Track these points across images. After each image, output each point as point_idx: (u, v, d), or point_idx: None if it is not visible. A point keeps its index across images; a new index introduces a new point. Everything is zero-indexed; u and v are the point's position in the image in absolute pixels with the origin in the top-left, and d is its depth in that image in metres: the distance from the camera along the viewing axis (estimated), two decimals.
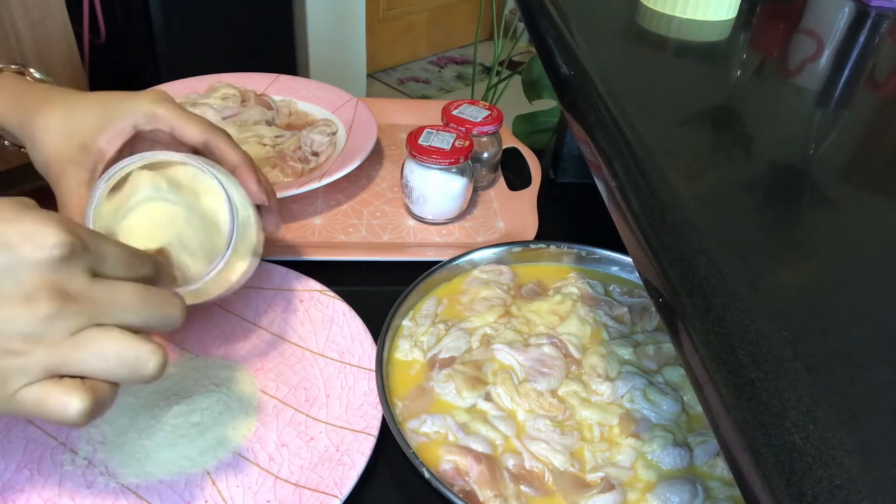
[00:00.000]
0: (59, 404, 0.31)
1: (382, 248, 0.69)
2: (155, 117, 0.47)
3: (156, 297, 0.34)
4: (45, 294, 0.30)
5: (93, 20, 1.65)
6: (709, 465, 0.49)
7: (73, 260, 0.30)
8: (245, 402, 0.51)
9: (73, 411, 0.31)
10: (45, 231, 0.30)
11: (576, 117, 0.50)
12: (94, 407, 0.32)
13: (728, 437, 0.27)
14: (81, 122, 0.46)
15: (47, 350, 0.30)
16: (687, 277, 0.32)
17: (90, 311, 0.31)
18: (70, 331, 0.31)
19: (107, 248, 0.33)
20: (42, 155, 0.46)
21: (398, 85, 2.92)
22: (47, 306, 0.30)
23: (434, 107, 0.91)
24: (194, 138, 0.48)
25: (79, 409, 0.31)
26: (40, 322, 0.30)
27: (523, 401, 0.51)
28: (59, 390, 0.31)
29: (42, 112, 0.46)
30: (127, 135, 0.47)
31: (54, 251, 0.30)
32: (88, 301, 0.31)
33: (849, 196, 0.40)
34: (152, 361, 0.33)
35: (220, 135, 0.49)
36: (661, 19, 0.62)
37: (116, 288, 0.32)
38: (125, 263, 0.34)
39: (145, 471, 0.46)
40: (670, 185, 0.37)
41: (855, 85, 0.55)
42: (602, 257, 0.66)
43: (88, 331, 0.31)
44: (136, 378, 0.33)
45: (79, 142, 0.46)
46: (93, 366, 0.31)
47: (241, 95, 0.84)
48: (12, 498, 0.44)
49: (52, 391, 0.31)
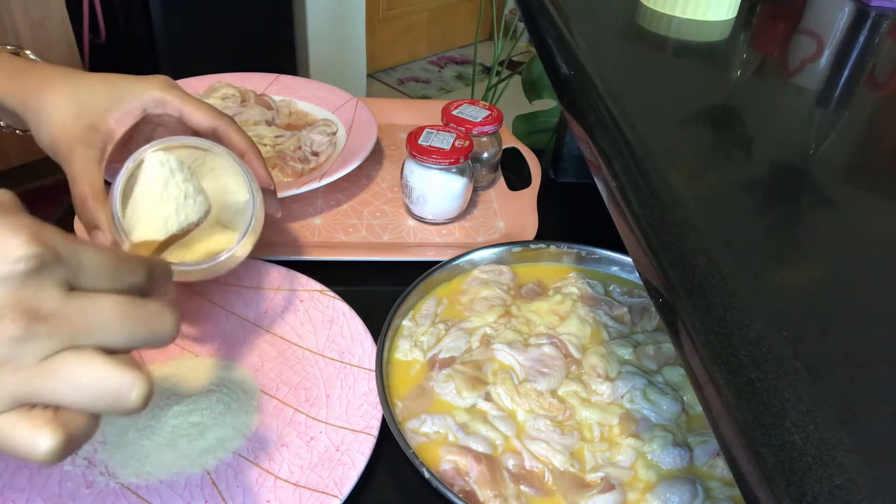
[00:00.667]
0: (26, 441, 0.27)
1: (382, 248, 0.69)
2: (164, 102, 0.48)
3: (142, 313, 0.30)
4: (11, 313, 0.26)
5: (93, 20, 1.65)
6: (709, 465, 0.49)
7: (44, 274, 0.27)
8: (245, 402, 0.51)
9: (42, 450, 0.27)
10: (12, 241, 0.26)
11: (576, 117, 0.50)
12: (67, 444, 0.28)
13: (728, 437, 0.27)
14: (89, 101, 0.47)
15: (13, 377, 0.26)
16: (687, 277, 0.32)
17: (64, 333, 0.27)
18: (40, 355, 0.27)
19: (86, 256, 0.29)
20: (49, 133, 0.46)
21: (398, 85, 2.92)
22: (13, 327, 0.26)
23: (434, 107, 0.91)
24: (203, 124, 0.49)
25: (48, 448, 0.27)
26: (5, 345, 0.26)
27: (523, 401, 0.51)
28: (26, 425, 0.27)
29: (46, 89, 0.46)
30: (136, 117, 0.48)
31: (19, 265, 0.26)
32: (61, 320, 0.27)
33: (849, 196, 0.40)
34: (134, 392, 0.28)
35: (228, 121, 0.50)
36: (661, 19, 0.62)
37: (96, 304, 0.28)
38: (109, 272, 0.30)
39: (145, 471, 0.46)
40: (670, 185, 0.37)
41: (855, 85, 0.55)
42: (602, 257, 0.66)
43: (61, 355, 0.27)
44: (115, 410, 0.28)
45: (88, 121, 0.46)
46: (65, 396, 0.27)
47: (241, 95, 0.84)
48: (12, 498, 0.44)
49: (18, 425, 0.27)
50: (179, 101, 0.49)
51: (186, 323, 0.58)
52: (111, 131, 0.47)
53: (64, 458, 0.28)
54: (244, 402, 0.51)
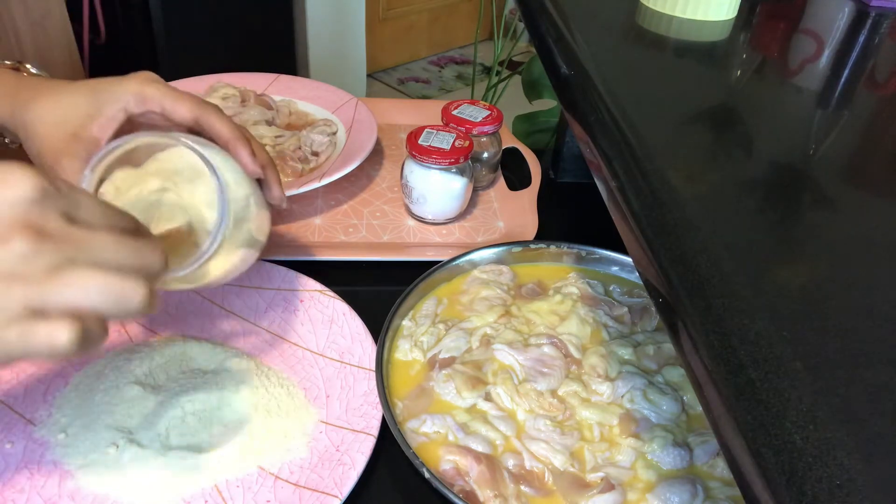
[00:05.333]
0: (46, 336, 0.30)
1: (382, 248, 0.69)
2: (144, 98, 0.47)
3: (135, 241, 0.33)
4: (20, 232, 0.29)
5: (93, 20, 1.65)
6: (709, 465, 0.49)
7: (48, 201, 0.30)
8: (245, 402, 0.51)
9: (62, 341, 0.30)
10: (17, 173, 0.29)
11: (576, 117, 0.50)
12: (84, 337, 0.31)
13: (728, 437, 0.27)
14: (71, 111, 0.46)
15: (26, 287, 0.29)
16: (687, 277, 0.32)
17: (67, 250, 0.30)
18: (48, 267, 0.30)
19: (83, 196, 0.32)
20: (36, 148, 0.46)
21: (398, 85, 2.92)
22: (22, 244, 0.29)
23: (434, 107, 0.91)
24: (185, 116, 0.47)
25: (67, 339, 0.30)
26: (16, 259, 0.29)
27: (523, 401, 0.51)
28: (44, 324, 0.30)
29: (32, 104, 0.46)
30: (119, 120, 0.46)
31: (27, 191, 0.29)
32: (65, 239, 0.30)
33: (849, 196, 0.40)
34: (139, 293, 0.32)
35: (211, 109, 0.48)
36: (661, 19, 0.62)
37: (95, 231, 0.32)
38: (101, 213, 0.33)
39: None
40: (670, 185, 0.37)
41: (855, 85, 0.55)
42: (602, 257, 0.66)
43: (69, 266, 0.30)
44: (123, 311, 0.32)
45: (70, 131, 0.45)
46: (76, 300, 0.31)
47: (241, 95, 0.84)
48: (12, 498, 0.44)
49: (36, 325, 0.30)
50: (160, 96, 0.47)
51: (187, 323, 0.58)
52: (95, 139, 0.46)
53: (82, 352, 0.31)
54: (244, 402, 0.51)
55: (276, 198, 0.51)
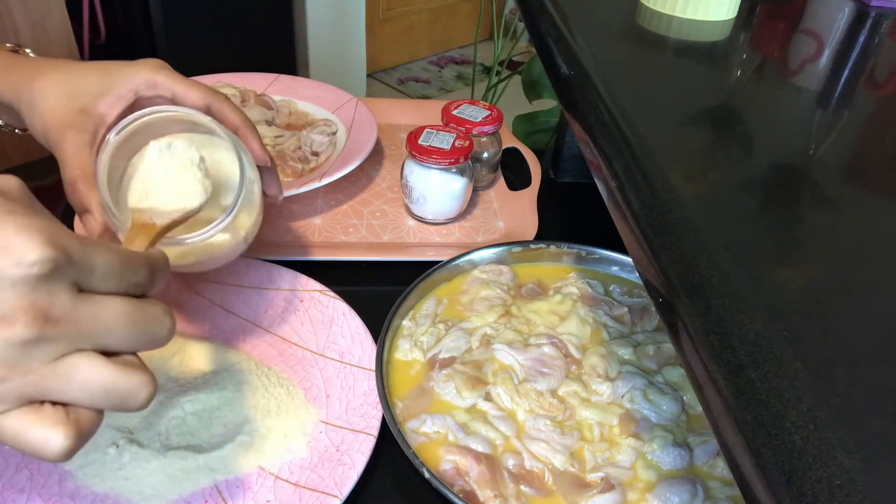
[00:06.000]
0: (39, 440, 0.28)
1: (382, 248, 0.69)
2: (155, 84, 0.48)
3: (144, 317, 0.31)
4: (23, 316, 0.26)
5: (93, 20, 1.65)
6: (709, 465, 0.49)
7: (57, 276, 0.27)
8: (245, 402, 0.51)
9: (55, 449, 0.28)
10: (26, 244, 0.26)
11: (576, 117, 0.50)
12: (78, 442, 0.29)
13: (728, 438, 0.27)
14: (81, 86, 0.46)
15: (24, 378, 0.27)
16: (687, 277, 0.32)
17: (72, 335, 0.28)
18: (50, 357, 0.27)
19: (96, 257, 0.29)
20: (41, 120, 0.46)
21: (398, 85, 2.92)
22: (24, 330, 0.26)
23: (434, 107, 0.91)
24: (196, 102, 0.48)
25: (60, 447, 0.28)
26: (16, 347, 0.26)
27: (523, 401, 0.51)
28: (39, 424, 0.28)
29: (39, 78, 0.46)
30: (127, 100, 0.47)
31: (34, 269, 0.26)
32: (71, 323, 0.28)
33: (849, 196, 0.40)
34: (143, 393, 0.30)
35: (221, 98, 0.49)
36: (661, 19, 0.62)
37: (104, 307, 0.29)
38: (116, 273, 0.30)
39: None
40: (670, 185, 0.37)
41: (855, 85, 0.55)
42: (602, 257, 0.66)
43: (71, 358, 0.28)
44: (123, 409, 0.30)
45: (79, 106, 0.46)
46: (76, 396, 0.29)
47: (241, 95, 0.84)
48: (12, 498, 0.44)
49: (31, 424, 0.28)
50: (171, 82, 0.48)
51: (187, 323, 0.58)
52: (102, 116, 0.46)
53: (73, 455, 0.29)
54: (244, 401, 0.51)
55: (274, 188, 0.53)
